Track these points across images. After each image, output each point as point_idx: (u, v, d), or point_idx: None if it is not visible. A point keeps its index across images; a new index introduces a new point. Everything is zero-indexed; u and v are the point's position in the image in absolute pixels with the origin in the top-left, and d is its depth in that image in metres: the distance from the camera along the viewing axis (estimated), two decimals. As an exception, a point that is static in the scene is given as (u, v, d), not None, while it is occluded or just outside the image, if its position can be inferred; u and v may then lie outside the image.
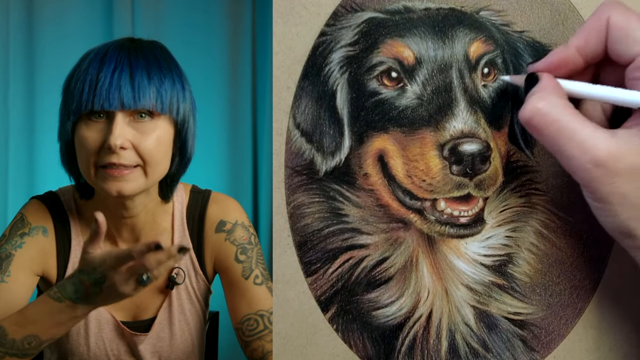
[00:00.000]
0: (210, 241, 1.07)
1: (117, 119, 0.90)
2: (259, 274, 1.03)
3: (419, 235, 0.71)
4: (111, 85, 0.90)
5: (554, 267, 0.71)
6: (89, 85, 0.90)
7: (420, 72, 0.69)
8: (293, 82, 0.71)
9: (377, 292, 0.72)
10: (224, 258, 1.06)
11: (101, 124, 0.91)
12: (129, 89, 0.90)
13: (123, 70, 0.91)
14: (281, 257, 0.72)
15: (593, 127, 0.58)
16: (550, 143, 0.60)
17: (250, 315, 1.00)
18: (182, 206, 1.07)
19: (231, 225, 1.06)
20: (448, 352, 0.72)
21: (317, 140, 0.71)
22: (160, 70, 0.93)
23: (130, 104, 0.90)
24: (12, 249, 0.97)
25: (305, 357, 0.72)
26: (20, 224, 1.00)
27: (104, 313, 1.02)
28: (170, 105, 0.94)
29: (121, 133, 0.89)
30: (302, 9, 0.71)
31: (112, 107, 0.90)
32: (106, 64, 0.91)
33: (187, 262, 1.05)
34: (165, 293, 1.05)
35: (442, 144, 0.68)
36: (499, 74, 0.70)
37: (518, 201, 0.71)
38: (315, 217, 0.72)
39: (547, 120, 0.59)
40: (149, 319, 1.05)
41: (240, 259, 1.04)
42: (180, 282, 1.04)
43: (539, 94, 0.60)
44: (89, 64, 0.92)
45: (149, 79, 0.91)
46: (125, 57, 0.92)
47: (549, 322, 0.71)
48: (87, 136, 0.92)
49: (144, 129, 0.92)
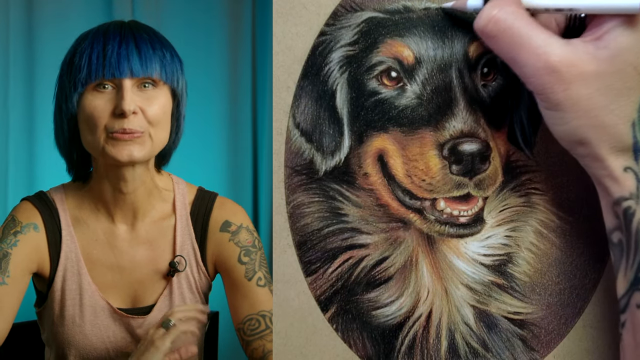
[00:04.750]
0: (213, 238, 1.08)
1: (126, 87, 0.96)
2: (262, 276, 1.04)
3: (419, 234, 0.71)
4: (120, 55, 0.96)
5: (553, 266, 0.71)
6: (96, 56, 0.96)
7: (420, 72, 0.69)
8: (293, 81, 0.71)
9: (377, 292, 0.72)
10: (227, 258, 1.07)
11: (108, 94, 0.97)
12: (137, 58, 0.97)
13: (129, 42, 0.97)
14: (281, 257, 0.72)
15: (548, 34, 0.57)
16: (504, 51, 0.59)
17: (252, 316, 1.01)
18: (184, 197, 1.09)
19: (236, 227, 1.07)
20: (448, 351, 0.72)
21: (317, 140, 0.71)
22: (161, 44, 1.00)
23: (138, 72, 0.96)
24: (8, 247, 0.98)
25: (305, 356, 0.72)
26: (12, 224, 1.02)
27: (99, 300, 1.02)
28: (172, 75, 1.00)
29: (132, 99, 0.94)
30: (302, 9, 0.71)
31: (123, 75, 0.95)
32: (111, 38, 0.97)
33: (189, 252, 1.06)
34: (166, 280, 1.05)
35: (441, 143, 0.68)
36: (498, 73, 0.70)
37: (518, 201, 0.71)
38: (315, 217, 0.72)
39: (502, 27, 0.58)
40: (147, 306, 1.06)
41: (243, 260, 1.05)
42: (182, 269, 1.05)
43: (495, 2, 0.60)
44: (92, 39, 0.98)
45: (153, 50, 0.99)
46: (128, 31, 0.99)
47: (548, 322, 0.71)
48: (96, 105, 0.97)
49: (148, 97, 0.98)
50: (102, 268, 1.04)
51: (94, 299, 1.02)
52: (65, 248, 1.02)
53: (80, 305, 1.02)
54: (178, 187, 1.10)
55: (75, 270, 1.02)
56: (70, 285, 1.02)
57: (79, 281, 1.02)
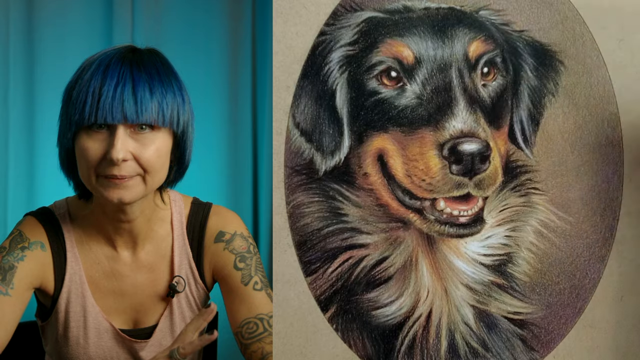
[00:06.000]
0: (209, 251, 1.07)
1: (119, 133, 0.91)
2: (258, 280, 1.03)
3: (419, 234, 0.71)
4: (114, 99, 0.91)
5: (553, 266, 0.71)
6: (91, 97, 0.91)
7: (420, 72, 0.69)
8: (293, 81, 0.71)
9: (377, 292, 0.72)
10: (222, 267, 1.07)
11: (102, 135, 0.92)
12: (132, 103, 0.92)
13: (126, 84, 0.92)
14: (281, 257, 0.72)
15: None
16: None
17: (250, 319, 1.00)
18: (181, 216, 1.08)
19: (230, 236, 1.07)
20: (448, 351, 0.72)
21: (317, 140, 0.71)
22: (162, 84, 0.95)
23: (133, 118, 0.91)
24: (14, 261, 0.98)
25: (305, 356, 0.72)
26: (19, 239, 1.01)
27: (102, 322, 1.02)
28: (171, 118, 0.95)
29: (123, 146, 0.91)
30: (302, 9, 0.71)
31: (115, 121, 0.91)
32: (109, 77, 0.92)
33: (187, 271, 1.06)
34: (166, 301, 1.05)
35: (441, 143, 0.68)
36: (498, 73, 0.70)
37: (517, 201, 0.71)
38: (315, 217, 0.72)
39: None
40: (149, 327, 1.06)
41: (239, 266, 1.04)
42: (181, 290, 1.04)
43: None
44: (91, 76, 0.93)
45: (151, 93, 0.93)
46: (127, 70, 0.93)
47: (548, 322, 0.71)
48: (88, 147, 0.93)
49: (144, 141, 0.93)
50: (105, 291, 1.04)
51: (98, 321, 1.02)
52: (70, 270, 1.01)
53: (85, 327, 1.02)
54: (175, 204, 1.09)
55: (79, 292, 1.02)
56: (75, 307, 1.02)
57: (83, 303, 1.02)
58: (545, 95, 0.72)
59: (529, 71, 0.72)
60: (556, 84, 0.72)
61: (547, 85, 0.72)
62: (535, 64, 0.72)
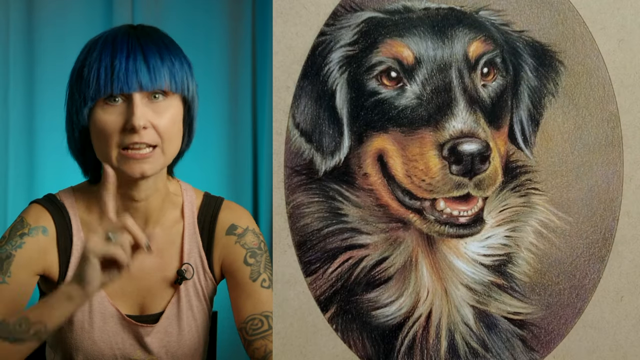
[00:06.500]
0: (220, 242, 1.07)
1: (136, 100, 0.95)
2: (266, 278, 1.03)
3: (419, 235, 0.71)
4: (127, 69, 0.95)
5: (553, 266, 0.71)
6: (104, 71, 0.96)
7: (420, 72, 0.69)
8: (292, 81, 0.71)
9: (377, 292, 0.72)
10: (232, 260, 1.07)
11: (119, 107, 0.96)
12: (145, 72, 0.96)
13: (137, 54, 0.96)
14: (281, 257, 0.72)
15: None
16: None
17: (255, 315, 1.00)
18: (192, 205, 1.09)
19: (242, 230, 1.07)
20: (447, 351, 0.72)
21: (317, 140, 0.71)
22: (169, 53, 1.00)
23: (147, 85, 0.95)
24: (12, 249, 0.99)
25: (305, 356, 0.72)
26: (19, 226, 1.01)
27: (108, 306, 1.02)
28: (182, 84, 0.99)
29: (142, 113, 0.94)
30: (302, 9, 0.71)
31: (131, 90, 0.94)
32: (119, 51, 0.96)
33: (196, 259, 1.06)
34: (174, 288, 1.05)
35: (441, 143, 0.68)
36: (498, 73, 0.70)
37: (517, 201, 0.71)
38: (315, 217, 0.72)
39: None
40: (156, 314, 1.06)
41: (249, 262, 1.05)
42: (189, 277, 1.05)
43: None
44: (100, 52, 0.97)
45: (162, 61, 0.98)
46: (135, 42, 0.98)
47: (548, 322, 0.71)
48: (106, 120, 0.96)
49: (159, 109, 0.97)
50: None
51: (103, 306, 1.02)
52: (76, 253, 1.02)
53: (90, 312, 1.02)
54: (186, 192, 1.10)
55: None
56: None
57: None
58: (545, 95, 0.72)
59: (529, 71, 0.72)
60: (556, 84, 0.72)
61: (547, 85, 0.72)
62: (535, 64, 0.72)
